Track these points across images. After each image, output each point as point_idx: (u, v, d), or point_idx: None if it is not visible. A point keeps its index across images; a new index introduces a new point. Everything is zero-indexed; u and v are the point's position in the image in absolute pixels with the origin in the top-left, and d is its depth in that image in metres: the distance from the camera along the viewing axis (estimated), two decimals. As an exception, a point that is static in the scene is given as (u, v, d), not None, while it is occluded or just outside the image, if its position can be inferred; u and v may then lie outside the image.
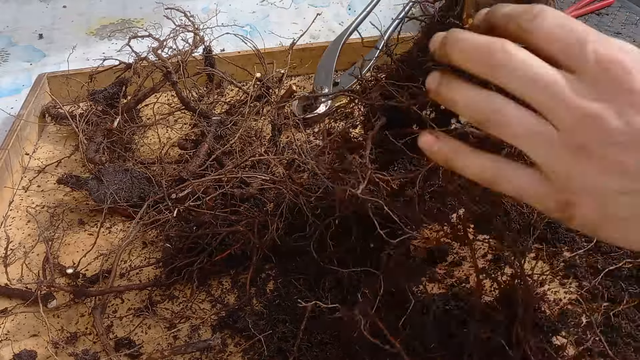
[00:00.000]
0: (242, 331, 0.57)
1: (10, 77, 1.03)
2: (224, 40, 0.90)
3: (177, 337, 0.58)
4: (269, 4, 1.27)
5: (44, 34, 1.15)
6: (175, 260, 0.61)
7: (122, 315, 0.60)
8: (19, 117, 0.82)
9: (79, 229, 0.71)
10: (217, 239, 0.61)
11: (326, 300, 0.58)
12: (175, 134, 0.85)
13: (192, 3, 1.20)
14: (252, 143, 0.77)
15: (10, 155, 0.77)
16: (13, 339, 0.58)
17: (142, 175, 0.71)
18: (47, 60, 1.07)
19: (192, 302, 0.61)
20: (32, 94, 0.87)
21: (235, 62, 0.89)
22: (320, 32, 1.15)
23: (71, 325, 0.60)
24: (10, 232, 0.71)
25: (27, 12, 1.23)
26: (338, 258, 0.59)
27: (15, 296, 0.63)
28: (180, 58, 0.80)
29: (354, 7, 1.24)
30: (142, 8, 1.22)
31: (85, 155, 0.75)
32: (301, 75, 1.00)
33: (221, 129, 0.77)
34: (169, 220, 0.63)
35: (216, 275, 0.64)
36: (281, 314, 0.58)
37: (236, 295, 0.62)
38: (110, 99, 0.82)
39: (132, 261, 0.66)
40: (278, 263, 0.64)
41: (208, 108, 0.83)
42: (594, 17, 1.02)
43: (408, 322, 0.55)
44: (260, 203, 0.68)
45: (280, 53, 0.92)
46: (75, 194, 0.75)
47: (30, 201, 0.75)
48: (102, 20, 1.20)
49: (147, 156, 0.79)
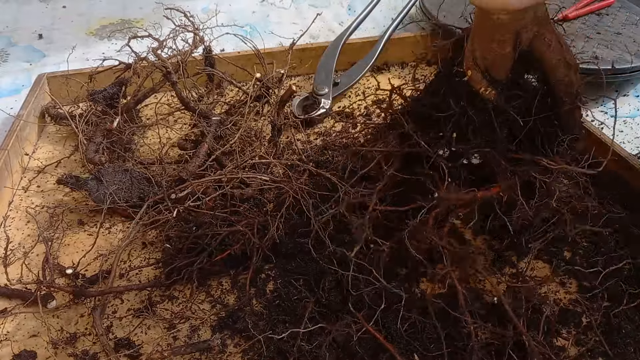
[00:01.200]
0: (242, 332, 0.57)
1: (10, 77, 1.03)
2: (224, 40, 0.90)
3: (177, 338, 0.58)
4: (269, 4, 1.27)
5: (43, 34, 1.15)
6: (175, 261, 0.61)
7: (121, 316, 0.60)
8: (18, 117, 0.82)
9: (78, 230, 0.71)
10: (216, 239, 0.61)
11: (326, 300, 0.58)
12: (175, 134, 0.85)
13: (192, 3, 1.20)
14: (252, 143, 0.77)
15: (10, 156, 0.76)
16: (13, 340, 0.58)
17: (142, 175, 0.71)
18: (47, 61, 1.07)
19: (192, 302, 0.61)
20: (31, 94, 0.87)
21: (235, 62, 0.89)
22: (320, 32, 1.15)
23: (71, 326, 0.60)
24: (9, 232, 0.71)
25: (27, 12, 1.23)
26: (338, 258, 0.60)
27: (14, 296, 0.63)
28: (180, 58, 0.80)
29: (353, 8, 1.24)
30: (142, 8, 1.22)
31: (84, 155, 0.75)
32: (301, 76, 1.00)
33: (221, 129, 0.77)
34: (169, 221, 0.63)
35: (216, 276, 0.64)
36: (281, 315, 0.58)
37: (236, 296, 0.62)
38: (110, 99, 0.82)
39: (131, 261, 0.66)
40: (278, 263, 0.64)
41: (208, 108, 0.82)
42: (594, 17, 1.02)
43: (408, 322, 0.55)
44: (260, 203, 0.68)
45: (280, 53, 0.92)
46: (75, 194, 0.75)
47: (30, 201, 0.75)
48: (101, 21, 1.20)
49: (147, 156, 0.79)
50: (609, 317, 0.57)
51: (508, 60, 0.57)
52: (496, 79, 0.58)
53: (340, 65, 0.96)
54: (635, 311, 0.58)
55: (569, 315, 0.59)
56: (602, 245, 0.64)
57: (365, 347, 0.54)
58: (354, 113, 0.89)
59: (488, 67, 0.57)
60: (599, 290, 0.59)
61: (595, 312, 0.58)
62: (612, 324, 0.57)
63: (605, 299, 0.58)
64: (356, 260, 0.56)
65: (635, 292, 0.59)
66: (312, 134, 0.86)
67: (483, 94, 0.58)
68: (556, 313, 0.58)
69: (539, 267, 0.64)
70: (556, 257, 0.64)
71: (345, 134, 0.84)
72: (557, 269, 0.63)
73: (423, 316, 0.56)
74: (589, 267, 0.62)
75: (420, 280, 0.62)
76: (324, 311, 0.58)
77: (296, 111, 0.88)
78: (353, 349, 0.53)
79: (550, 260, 0.64)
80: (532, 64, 0.57)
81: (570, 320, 0.58)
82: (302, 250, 0.64)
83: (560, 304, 0.60)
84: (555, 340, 0.56)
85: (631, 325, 0.57)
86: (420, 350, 0.54)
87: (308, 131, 0.86)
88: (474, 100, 0.58)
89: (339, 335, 0.54)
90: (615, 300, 0.59)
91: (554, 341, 0.56)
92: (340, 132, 0.85)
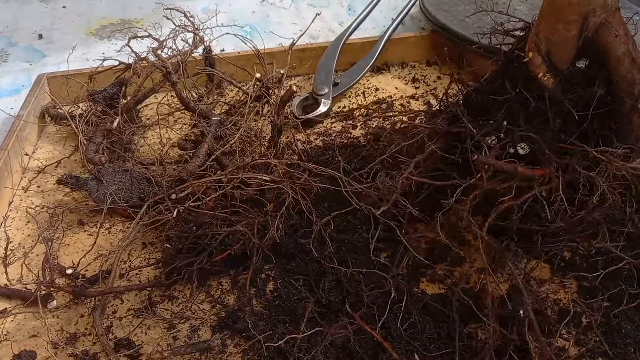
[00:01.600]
0: (242, 332, 0.57)
1: (10, 77, 1.03)
2: (224, 40, 0.90)
3: (177, 338, 0.58)
4: (269, 4, 1.26)
5: (43, 34, 1.14)
6: (175, 261, 0.61)
7: (121, 316, 0.60)
8: (18, 117, 0.82)
9: (78, 230, 0.71)
10: (216, 240, 0.61)
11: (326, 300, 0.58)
12: (174, 134, 0.84)
13: (192, 3, 1.20)
14: (252, 143, 0.77)
15: (10, 156, 0.76)
16: (13, 340, 0.58)
17: (142, 175, 0.71)
18: (47, 61, 1.07)
19: (192, 302, 0.61)
20: (31, 95, 0.87)
21: (235, 62, 0.89)
22: (320, 32, 1.14)
23: (71, 326, 0.60)
24: (9, 232, 0.71)
25: (26, 12, 1.23)
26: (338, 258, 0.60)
27: (14, 297, 0.63)
28: (180, 58, 0.80)
29: (353, 8, 1.24)
30: (141, 8, 1.22)
31: (84, 155, 0.75)
32: (301, 76, 0.99)
33: (221, 129, 0.77)
34: (169, 221, 0.63)
35: (216, 276, 0.64)
36: (281, 315, 0.58)
37: (236, 296, 0.62)
38: (110, 100, 0.82)
39: (131, 262, 0.66)
40: (278, 263, 0.64)
41: (208, 108, 0.82)
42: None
43: (408, 322, 0.55)
44: (260, 203, 0.68)
45: (280, 53, 0.92)
46: (75, 194, 0.75)
47: (30, 202, 0.75)
48: (101, 21, 1.20)
49: (147, 156, 0.79)
50: (609, 317, 0.57)
51: (571, 46, 0.55)
52: (557, 67, 0.56)
53: (340, 65, 0.96)
54: (635, 311, 0.58)
55: (568, 316, 0.58)
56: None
57: (365, 347, 0.54)
58: (354, 113, 0.89)
59: (550, 50, 0.56)
60: (598, 291, 0.60)
61: (595, 312, 0.58)
62: (612, 324, 0.57)
63: (605, 299, 0.58)
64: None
65: (635, 292, 0.59)
66: (312, 134, 0.86)
67: (541, 80, 0.57)
68: (556, 313, 0.59)
69: (538, 267, 0.64)
70: (556, 257, 0.64)
71: (346, 133, 0.84)
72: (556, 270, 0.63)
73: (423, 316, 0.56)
74: (589, 267, 0.62)
75: (420, 280, 0.62)
76: (324, 311, 0.58)
77: (296, 111, 0.88)
78: (352, 349, 0.53)
79: (550, 261, 0.64)
80: (595, 55, 0.55)
81: (570, 321, 0.58)
82: (302, 250, 0.64)
83: (560, 304, 0.60)
84: (556, 341, 0.56)
85: (631, 325, 0.57)
86: (420, 350, 0.54)
87: (308, 131, 0.86)
88: (531, 85, 0.57)
89: (337, 339, 0.53)
90: (615, 301, 0.59)
91: (553, 341, 0.56)
92: (340, 132, 0.85)
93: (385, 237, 0.62)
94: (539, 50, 0.57)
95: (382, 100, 0.92)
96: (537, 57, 0.57)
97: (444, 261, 0.65)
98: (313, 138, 0.85)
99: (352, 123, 0.87)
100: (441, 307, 0.58)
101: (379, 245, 0.65)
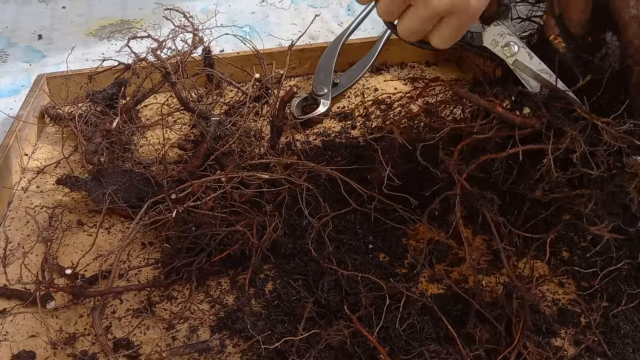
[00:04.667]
0: (241, 332, 0.57)
1: (10, 77, 1.03)
2: (223, 40, 0.90)
3: (176, 338, 0.58)
4: (268, 4, 1.27)
5: (43, 34, 1.15)
6: (174, 261, 0.61)
7: (120, 316, 0.60)
8: (18, 117, 0.82)
9: (77, 230, 0.71)
10: (216, 240, 0.61)
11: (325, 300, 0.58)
12: (174, 134, 0.85)
13: (191, 4, 1.21)
14: (252, 144, 0.77)
15: (10, 156, 0.77)
16: (12, 340, 0.58)
17: (141, 175, 0.71)
18: (47, 61, 1.07)
19: (191, 302, 0.61)
20: (31, 95, 0.87)
21: (234, 62, 0.89)
22: (320, 32, 1.15)
23: (70, 326, 0.60)
24: (9, 232, 0.71)
25: (26, 12, 1.23)
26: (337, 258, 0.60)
27: (14, 297, 0.63)
28: (180, 59, 0.80)
29: (353, 8, 1.24)
30: (141, 9, 1.22)
31: (84, 156, 0.75)
32: (300, 76, 1.00)
33: (220, 129, 0.77)
34: (168, 221, 0.63)
35: (215, 276, 0.64)
36: (280, 315, 0.58)
37: (235, 296, 0.62)
38: (109, 100, 0.82)
39: (131, 262, 0.66)
40: (277, 263, 0.64)
41: (207, 109, 0.82)
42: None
43: (407, 322, 0.55)
44: (259, 204, 0.68)
45: (279, 54, 0.92)
46: (74, 194, 0.75)
47: (29, 202, 0.75)
48: (101, 21, 1.20)
49: (146, 157, 0.79)
50: (607, 317, 0.58)
51: (582, 8, 0.55)
52: (570, 31, 0.56)
53: (340, 65, 0.96)
54: (634, 311, 0.58)
55: (567, 315, 0.59)
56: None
57: (363, 348, 0.54)
58: (354, 113, 0.89)
59: (563, 13, 0.56)
60: (597, 291, 0.60)
61: (593, 312, 0.58)
62: (610, 324, 0.57)
63: (604, 299, 0.58)
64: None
65: (633, 292, 0.59)
66: (311, 134, 0.86)
67: (552, 42, 0.56)
68: (554, 313, 0.59)
69: (537, 267, 0.64)
70: (554, 257, 0.64)
71: (345, 134, 0.84)
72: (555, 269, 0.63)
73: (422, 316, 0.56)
74: (588, 267, 0.62)
75: (419, 280, 0.62)
76: (323, 311, 0.58)
77: (295, 112, 0.88)
78: (350, 350, 0.54)
79: (548, 260, 0.64)
80: (607, 20, 0.54)
81: (568, 320, 0.58)
82: (301, 251, 0.64)
83: (559, 304, 0.60)
84: (554, 340, 0.56)
85: (630, 325, 0.57)
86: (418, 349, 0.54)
87: (307, 132, 0.86)
88: (540, 45, 0.57)
89: (334, 342, 0.53)
90: (614, 301, 0.59)
91: (552, 341, 0.56)
92: (340, 132, 0.85)
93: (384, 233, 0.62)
94: (553, 12, 0.56)
95: (381, 101, 0.92)
96: (551, 19, 0.56)
97: (444, 261, 0.65)
98: (312, 138, 0.85)
99: (352, 123, 0.87)
100: (440, 307, 0.58)
101: (378, 245, 0.66)
